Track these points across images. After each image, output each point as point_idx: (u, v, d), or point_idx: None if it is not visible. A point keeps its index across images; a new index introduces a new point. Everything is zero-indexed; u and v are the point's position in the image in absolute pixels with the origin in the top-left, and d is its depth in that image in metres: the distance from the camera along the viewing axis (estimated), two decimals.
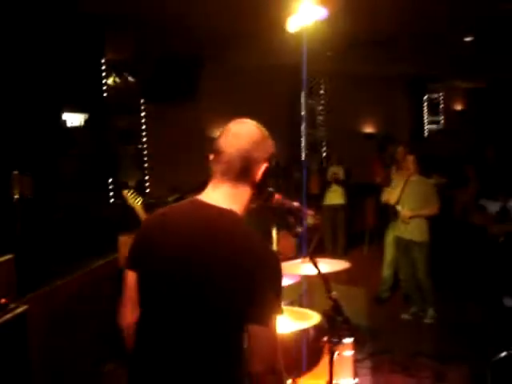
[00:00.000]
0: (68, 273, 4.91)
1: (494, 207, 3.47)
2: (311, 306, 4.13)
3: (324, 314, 2.51)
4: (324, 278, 2.53)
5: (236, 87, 9.66)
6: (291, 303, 4.22)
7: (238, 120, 2.04)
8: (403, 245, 6.39)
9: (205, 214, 1.94)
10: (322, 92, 11.09)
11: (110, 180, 8.11)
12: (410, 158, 6.16)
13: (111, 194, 8.08)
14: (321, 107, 11.16)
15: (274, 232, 7.13)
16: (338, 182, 9.28)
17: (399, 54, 9.66)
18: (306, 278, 4.23)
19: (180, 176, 8.27)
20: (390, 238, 7.00)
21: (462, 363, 5.12)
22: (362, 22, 7.88)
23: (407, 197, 6.24)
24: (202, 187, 5.75)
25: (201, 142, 9.65)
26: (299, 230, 2.50)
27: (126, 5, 7.04)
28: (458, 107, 12.75)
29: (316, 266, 2.59)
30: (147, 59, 8.81)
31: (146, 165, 9.10)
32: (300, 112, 10.81)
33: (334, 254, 8.87)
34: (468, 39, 8.49)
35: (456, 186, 6.43)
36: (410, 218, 6.17)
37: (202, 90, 9.34)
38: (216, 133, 8.84)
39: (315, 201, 9.42)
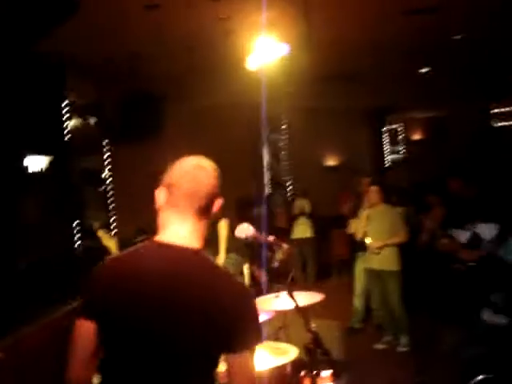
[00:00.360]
0: (34, 321, 4.79)
1: (463, 236, 3.53)
2: (288, 341, 4.11)
3: (304, 348, 2.49)
4: (302, 311, 2.52)
5: (199, 125, 9.72)
6: (267, 338, 4.17)
7: (192, 157, 2.02)
8: (375, 275, 6.43)
9: (172, 255, 1.92)
10: (283, 127, 11.21)
11: (76, 223, 8.01)
12: (374, 189, 6.24)
13: (77, 237, 7.97)
14: (283, 142, 11.26)
15: (246, 267, 7.16)
16: (303, 214, 9.33)
17: (358, 87, 9.88)
18: (281, 312, 4.23)
19: (147, 216, 8.20)
20: (359, 269, 7.04)
21: None
22: (322, 57, 8.05)
23: (374, 227, 6.30)
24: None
25: None
26: (276, 263, 2.51)
27: (87, 47, 7.08)
28: (417, 137, 13.02)
29: (294, 300, 2.58)
30: (110, 100, 8.83)
31: (112, 206, 9.03)
32: (263, 147, 10.93)
33: (303, 287, 8.85)
34: (424, 70, 8.73)
35: (421, 212, 6.52)
36: (380, 248, 6.23)
37: (165, 129, 9.36)
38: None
39: (284, 234, 9.44)
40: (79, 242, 7.91)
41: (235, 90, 9.19)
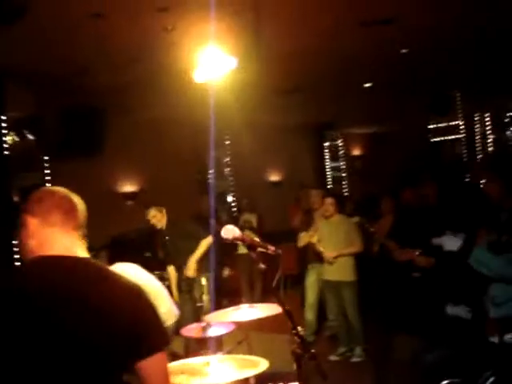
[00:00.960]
0: None
1: (454, 244, 3.54)
2: (251, 353, 4.01)
3: (293, 353, 2.40)
4: (288, 314, 2.43)
5: (143, 139, 9.55)
6: (230, 351, 4.05)
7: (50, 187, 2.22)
8: (332, 286, 6.43)
9: (62, 266, 1.93)
10: (227, 142, 11.15)
11: (15, 242, 7.64)
12: (329, 200, 6.25)
13: (16, 257, 7.60)
14: (227, 158, 11.20)
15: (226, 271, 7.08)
16: (251, 229, 9.25)
17: (301, 101, 9.93)
18: (242, 324, 4.14)
19: (90, 233, 7.95)
20: (310, 281, 7.02)
21: None
22: (269, 71, 8.03)
23: (329, 238, 6.30)
24: (114, 243, 5.39)
25: (109, 197, 9.42)
26: (263, 266, 2.44)
27: (27, 57, 6.82)
28: (357, 152, 13.23)
29: (281, 303, 2.49)
30: (50, 113, 8.53)
31: None
32: (207, 164, 10.82)
33: (251, 303, 8.74)
34: (367, 85, 8.86)
35: (372, 222, 6.57)
36: (335, 257, 6.22)
37: (108, 144, 9.13)
38: (123, 187, 8.60)
39: (230, 250, 9.32)
40: (18, 263, 7.55)
41: (179, 104, 9.07)
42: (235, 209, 11.02)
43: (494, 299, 3.53)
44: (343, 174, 12.73)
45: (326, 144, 12.61)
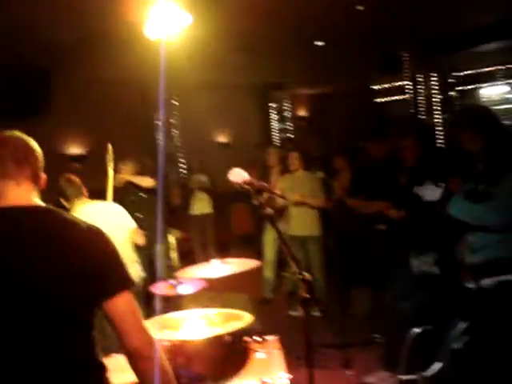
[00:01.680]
0: None
1: (433, 193, 3.62)
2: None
3: (300, 298, 2.41)
4: (294, 258, 2.43)
5: (89, 99, 9.25)
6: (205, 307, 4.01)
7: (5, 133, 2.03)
8: (297, 241, 6.50)
9: (23, 215, 1.90)
10: (175, 102, 10.95)
11: None
12: (294, 155, 6.27)
13: None
14: (175, 118, 11.02)
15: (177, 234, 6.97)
16: (204, 190, 9.19)
17: (250, 61, 9.84)
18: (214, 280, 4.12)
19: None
20: (269, 238, 7.07)
21: (360, 349, 5.29)
22: (223, 29, 7.90)
23: (293, 192, 6.35)
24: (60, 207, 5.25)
25: (56, 159, 9.11)
26: (269, 211, 2.43)
27: None
28: (303, 113, 13.28)
29: (285, 244, 2.48)
30: None
31: None
32: (155, 124, 10.64)
33: (205, 261, 8.75)
34: (319, 44, 8.85)
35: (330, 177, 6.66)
36: (299, 203, 6.27)
37: (53, 104, 8.81)
38: (71, 149, 8.29)
39: (179, 212, 9.26)
40: None
41: (128, 63, 8.81)
42: (184, 169, 10.89)
43: (470, 246, 3.64)
44: (290, 135, 12.76)
45: (273, 105, 12.57)
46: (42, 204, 1.98)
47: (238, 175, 2.45)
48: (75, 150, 9.50)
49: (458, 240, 3.86)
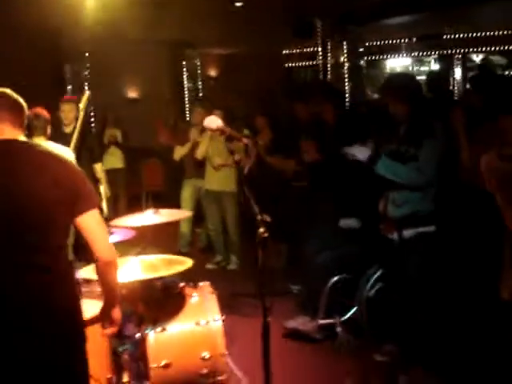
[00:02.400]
0: None
1: (362, 153, 3.90)
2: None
3: (258, 236, 2.61)
4: (255, 199, 2.62)
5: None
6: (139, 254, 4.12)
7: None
8: (213, 196, 6.68)
9: (14, 146, 2.39)
10: (86, 55, 10.67)
11: None
12: (217, 112, 6.39)
13: None
14: (86, 72, 10.75)
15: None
16: (116, 144, 9.13)
17: (165, 17, 9.76)
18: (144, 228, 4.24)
19: None
20: (186, 195, 7.20)
21: (278, 298, 5.58)
22: None
23: (215, 150, 6.51)
24: None
25: None
26: (239, 157, 2.58)
27: None
28: (213, 73, 13.32)
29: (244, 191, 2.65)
30: None
31: None
32: (64, 76, 10.36)
33: (115, 217, 8.74)
34: (238, 5, 8.94)
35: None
36: (220, 166, 6.45)
37: None
38: None
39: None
40: None
41: (37, 12, 8.50)
42: (93, 123, 10.69)
43: (393, 201, 4.01)
44: (200, 94, 12.79)
45: (185, 63, 12.53)
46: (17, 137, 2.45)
47: (213, 122, 2.60)
48: None
49: (379, 195, 4.22)
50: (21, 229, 2.24)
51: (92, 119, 10.56)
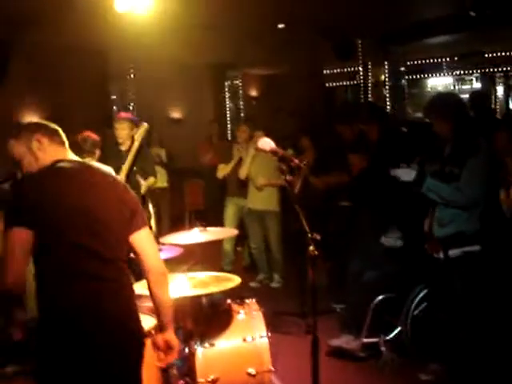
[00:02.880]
0: None
1: (408, 175, 3.96)
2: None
3: (309, 254, 2.68)
4: (305, 218, 2.69)
5: (47, 71, 9.17)
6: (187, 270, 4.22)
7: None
8: (256, 215, 6.79)
9: (76, 169, 2.60)
10: (131, 76, 10.99)
11: None
12: (259, 133, 6.51)
13: None
14: (131, 92, 11.05)
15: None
16: (161, 164, 9.32)
17: (211, 39, 9.96)
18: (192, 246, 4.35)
19: None
20: (229, 213, 7.30)
21: (321, 317, 5.61)
22: (183, 4, 7.98)
23: (259, 168, 6.63)
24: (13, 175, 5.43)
25: (10, 127, 9.03)
26: (289, 177, 2.67)
27: None
28: (255, 93, 13.53)
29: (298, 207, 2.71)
30: None
31: None
32: (110, 96, 10.65)
33: (159, 236, 8.90)
34: (280, 26, 9.08)
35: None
36: (263, 186, 6.56)
37: (14, 73, 8.71)
38: (28, 117, 8.20)
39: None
40: None
41: (88, 34, 8.79)
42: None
43: (439, 221, 4.04)
44: (241, 114, 13.00)
45: (227, 83, 12.76)
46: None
47: (266, 144, 2.69)
48: (32, 118, 9.40)
49: (423, 214, 4.25)
50: (98, 243, 2.45)
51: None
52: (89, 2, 7.12)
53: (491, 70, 11.93)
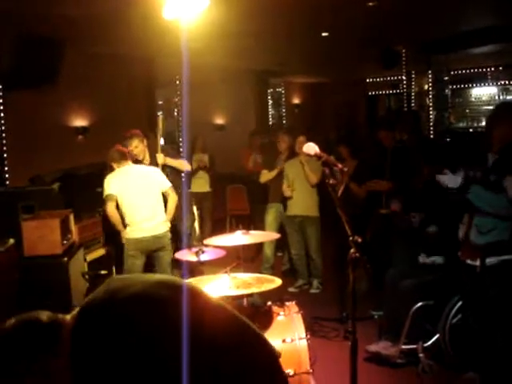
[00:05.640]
0: None
1: (453, 181, 4.01)
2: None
3: (349, 258, 2.76)
4: (347, 222, 2.77)
5: (97, 73, 9.44)
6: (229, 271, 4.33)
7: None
8: (297, 222, 6.89)
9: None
10: (177, 82, 11.21)
11: None
12: (301, 139, 6.62)
13: None
14: (177, 98, 11.28)
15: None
16: (204, 169, 9.50)
17: (255, 46, 10.10)
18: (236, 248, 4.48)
19: (40, 164, 8.01)
20: (270, 219, 7.42)
21: (359, 323, 5.67)
22: (230, 11, 8.12)
23: (298, 175, 6.79)
24: (65, 177, 5.71)
25: (60, 131, 9.33)
26: (333, 181, 2.76)
27: None
28: (297, 101, 13.64)
29: (341, 210, 2.78)
30: (5, 43, 8.27)
31: (4, 155, 8.56)
32: (156, 101, 10.88)
33: (201, 240, 9.07)
34: (324, 35, 9.16)
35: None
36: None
37: (62, 76, 8.98)
38: (75, 121, 8.44)
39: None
40: None
41: (136, 40, 9.03)
42: (182, 148, 11.17)
43: (478, 228, 4.05)
44: (284, 121, 13.12)
45: (270, 91, 12.90)
46: None
47: (311, 148, 2.79)
48: (79, 122, 9.69)
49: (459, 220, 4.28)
50: None
51: (181, 144, 11.05)
52: (137, 10, 7.33)
53: None
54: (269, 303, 4.27)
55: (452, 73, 11.19)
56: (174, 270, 5.83)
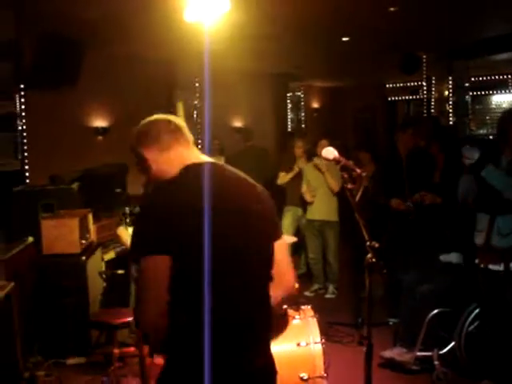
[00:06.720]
0: None
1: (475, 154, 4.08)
2: None
3: (366, 263, 2.75)
4: (365, 226, 2.76)
5: (117, 74, 9.50)
6: None
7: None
8: (317, 226, 6.92)
9: (213, 173, 2.15)
10: (196, 85, 11.25)
11: None
12: (323, 142, 6.63)
13: None
14: (196, 101, 11.31)
15: None
16: None
17: (275, 50, 10.11)
18: None
19: (60, 164, 8.08)
20: (286, 222, 7.42)
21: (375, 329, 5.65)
22: (251, 14, 8.14)
23: (317, 179, 6.78)
24: (85, 177, 5.75)
25: (80, 131, 9.41)
26: (351, 185, 2.75)
27: None
28: (316, 105, 13.62)
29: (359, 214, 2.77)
30: (27, 43, 8.35)
31: (24, 153, 8.63)
32: (176, 103, 10.91)
33: None
34: (345, 39, 9.15)
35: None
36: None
37: (82, 76, 9.06)
38: (95, 122, 8.51)
39: None
40: None
41: (157, 42, 9.08)
42: (200, 150, 11.19)
43: (499, 230, 4.00)
44: (303, 125, 13.11)
45: (289, 94, 12.89)
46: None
47: (330, 152, 2.79)
48: (98, 123, 9.76)
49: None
50: (256, 260, 2.15)
51: (199, 146, 11.06)
52: (158, 12, 7.38)
53: None
54: (284, 306, 4.26)
55: (473, 79, 11.10)
56: None
